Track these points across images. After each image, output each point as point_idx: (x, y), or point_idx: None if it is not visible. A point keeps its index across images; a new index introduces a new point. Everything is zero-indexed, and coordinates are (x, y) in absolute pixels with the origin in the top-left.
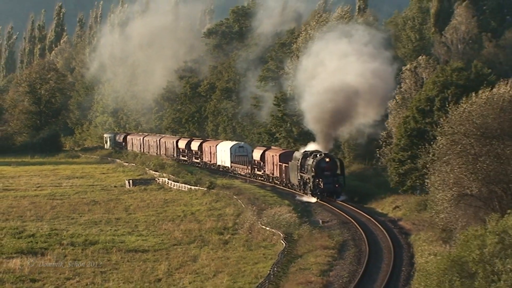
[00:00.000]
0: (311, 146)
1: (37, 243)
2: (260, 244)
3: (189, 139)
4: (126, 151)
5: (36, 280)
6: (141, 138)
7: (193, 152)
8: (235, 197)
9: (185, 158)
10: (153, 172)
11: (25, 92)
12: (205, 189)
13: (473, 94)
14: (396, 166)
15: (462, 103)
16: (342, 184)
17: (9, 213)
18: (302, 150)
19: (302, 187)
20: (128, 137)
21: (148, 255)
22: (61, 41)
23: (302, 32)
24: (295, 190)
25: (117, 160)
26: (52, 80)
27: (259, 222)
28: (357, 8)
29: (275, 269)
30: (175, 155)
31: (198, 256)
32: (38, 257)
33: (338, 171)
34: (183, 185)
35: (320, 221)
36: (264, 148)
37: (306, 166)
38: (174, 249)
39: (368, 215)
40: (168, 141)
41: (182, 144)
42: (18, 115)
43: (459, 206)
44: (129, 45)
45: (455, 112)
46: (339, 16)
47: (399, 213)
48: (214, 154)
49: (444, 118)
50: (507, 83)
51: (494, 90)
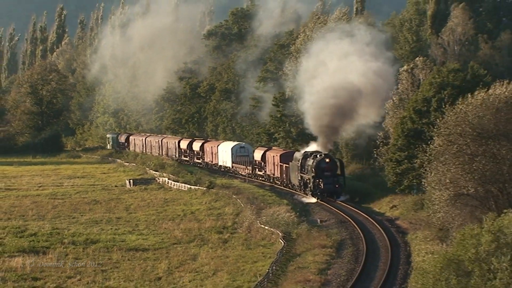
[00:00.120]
0: (312, 147)
1: (38, 242)
2: (259, 243)
3: (190, 139)
4: (128, 151)
5: (38, 279)
6: (144, 138)
7: (195, 152)
8: (234, 196)
9: (187, 159)
10: (153, 172)
11: (27, 93)
12: (204, 188)
13: (469, 95)
14: (393, 166)
15: (458, 104)
16: (342, 184)
17: (11, 212)
18: (302, 151)
19: (302, 187)
20: (130, 137)
21: (149, 254)
22: (63, 42)
23: (301, 34)
24: (295, 190)
25: (118, 160)
26: (54, 81)
27: (258, 221)
28: (354, 10)
29: (274, 267)
30: (177, 155)
31: (197, 255)
32: (40, 256)
33: (338, 172)
34: (183, 184)
35: (318, 220)
36: (265, 149)
37: (306, 167)
38: (174, 248)
39: (365, 214)
40: (170, 142)
41: (184, 144)
42: (20, 115)
43: (455, 206)
44: (129, 47)
45: (451, 113)
46: (337, 18)
47: (396, 213)
48: (215, 154)
49: (441, 118)
50: (502, 84)
51: (490, 91)
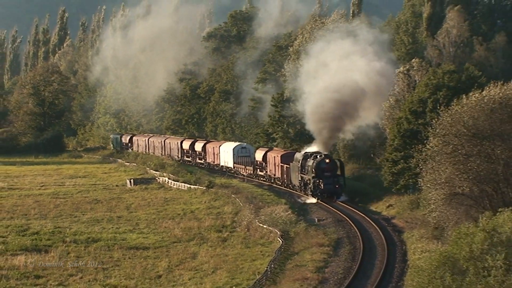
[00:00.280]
0: (312, 148)
1: (41, 240)
2: (257, 242)
3: (193, 140)
4: (131, 152)
5: (40, 277)
6: (147, 139)
7: (197, 153)
8: (233, 196)
9: (189, 159)
10: (154, 172)
11: (29, 94)
12: (204, 188)
13: (464, 96)
14: (389, 166)
15: (454, 104)
16: (342, 184)
17: (14, 211)
18: (303, 151)
19: (302, 188)
20: (134, 138)
21: (149, 252)
22: (64, 44)
23: (299, 36)
24: (296, 191)
25: (119, 160)
26: (56, 83)
27: (256, 220)
28: (351, 12)
29: (272, 265)
30: (179, 155)
31: (197, 253)
32: (42, 254)
33: (338, 172)
34: (183, 184)
35: (316, 219)
36: (266, 149)
37: (306, 167)
38: (174, 246)
39: (362, 213)
40: (173, 142)
41: (186, 145)
42: (23, 116)
43: (450, 205)
44: (130, 48)
45: (446, 114)
46: (335, 20)
47: (393, 212)
48: (217, 154)
49: (436, 119)
50: (497, 85)
51: (485, 92)
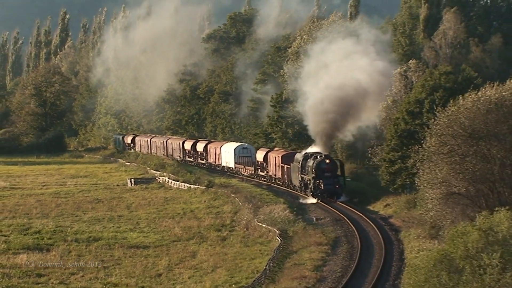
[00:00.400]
0: (312, 148)
1: (42, 239)
2: (256, 241)
3: (194, 140)
4: (131, 152)
5: (42, 275)
6: (149, 139)
7: (199, 153)
8: (232, 195)
9: (191, 159)
10: (154, 172)
11: (31, 94)
12: (203, 187)
13: (461, 97)
14: (387, 166)
15: (450, 105)
16: (342, 185)
17: (16, 210)
18: (303, 152)
19: (303, 188)
20: (136, 138)
21: (149, 251)
22: (66, 45)
23: (298, 37)
24: (296, 191)
25: (120, 160)
26: (57, 83)
27: (255, 220)
28: (348, 14)
29: (271, 264)
30: (181, 156)
31: (197, 252)
32: (43, 253)
33: (338, 172)
34: (183, 184)
35: (314, 218)
36: (267, 149)
37: (307, 168)
38: (174, 245)
39: (360, 212)
40: (175, 143)
41: (188, 145)
42: (25, 116)
43: (447, 204)
44: (131, 50)
45: (443, 115)
46: (333, 22)
47: (390, 211)
48: (218, 155)
49: (433, 120)
50: (493, 86)
51: (480, 93)
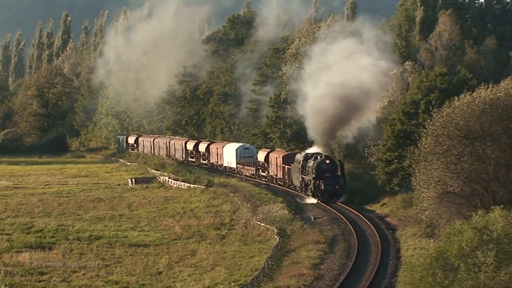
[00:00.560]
0: (313, 149)
1: (45, 238)
2: (255, 239)
3: (197, 141)
4: (132, 152)
5: (44, 273)
6: (152, 139)
7: (201, 153)
8: (231, 194)
9: (193, 160)
10: (154, 171)
11: (34, 95)
12: (203, 187)
13: (456, 98)
14: (383, 165)
15: (446, 106)
16: (342, 185)
17: (19, 209)
18: (303, 152)
19: (303, 188)
20: (139, 138)
21: (150, 249)
22: (67, 47)
23: (296, 39)
24: (297, 191)
25: (120, 160)
26: (59, 84)
27: (254, 218)
28: (345, 16)
29: (270, 262)
30: (183, 156)
31: (196, 250)
32: (46, 251)
33: (339, 173)
34: (183, 183)
35: (312, 217)
36: (269, 150)
37: (307, 168)
38: (174, 243)
39: (356, 211)
40: (177, 143)
41: (190, 146)
42: (27, 117)
43: (442, 203)
44: (132, 51)
45: (438, 115)
46: (330, 24)
47: (386, 210)
48: (220, 155)
49: (429, 120)
50: (487, 88)
51: (475, 94)
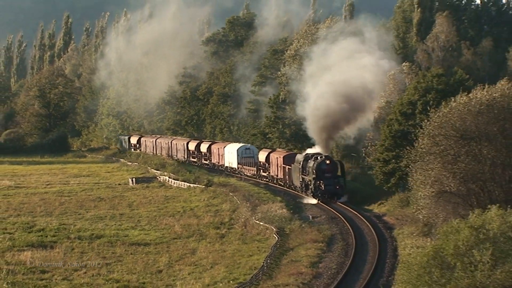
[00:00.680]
0: (313, 149)
1: (46, 237)
2: (254, 238)
3: (198, 141)
4: (133, 152)
5: (46, 272)
6: (154, 140)
7: (202, 153)
8: (231, 194)
9: (195, 160)
10: (155, 171)
11: (36, 96)
12: (203, 186)
13: (452, 99)
14: (381, 165)
15: (442, 107)
16: (342, 185)
17: (21, 209)
18: (304, 153)
19: (304, 189)
20: (142, 139)
21: (150, 248)
22: (69, 48)
23: (294, 40)
24: (297, 192)
25: (121, 159)
26: (61, 85)
27: (253, 218)
28: (343, 17)
29: (268, 261)
30: (185, 156)
31: (196, 249)
32: (47, 250)
33: (339, 173)
34: (183, 183)
35: (310, 216)
36: (269, 150)
37: (307, 168)
38: (174, 242)
39: (354, 211)
40: (179, 143)
41: (192, 146)
42: (29, 117)
43: (439, 203)
44: (133, 53)
45: (435, 116)
46: (329, 26)
47: (384, 209)
48: (222, 155)
49: (426, 120)
50: (483, 88)
51: (471, 94)
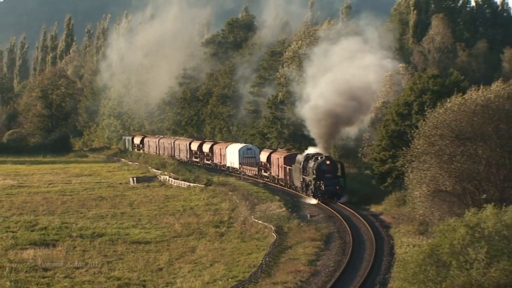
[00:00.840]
0: (313, 149)
1: (49, 235)
2: (253, 236)
3: (201, 141)
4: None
5: (48, 269)
6: (157, 140)
7: (205, 154)
8: (230, 193)
9: (197, 160)
10: (155, 170)
11: (38, 97)
12: (202, 186)
13: (448, 100)
14: (377, 165)
15: (438, 107)
16: (342, 186)
17: (24, 207)
18: (305, 153)
19: (304, 189)
20: (145, 139)
21: (151, 246)
22: (71, 50)
23: (293, 42)
24: (298, 192)
25: (122, 159)
26: (63, 86)
27: (252, 216)
28: (340, 19)
29: (267, 259)
30: (188, 156)
31: (196, 247)
32: (50, 248)
33: (339, 173)
34: (183, 182)
35: (308, 215)
36: (271, 151)
37: (307, 169)
38: (175, 241)
39: (351, 209)
40: (182, 143)
41: (194, 146)
42: (32, 118)
43: (434, 201)
44: (133, 54)
45: (431, 116)
46: (327, 28)
47: (380, 208)
48: (224, 156)
49: (422, 121)
50: (478, 89)
51: (466, 95)
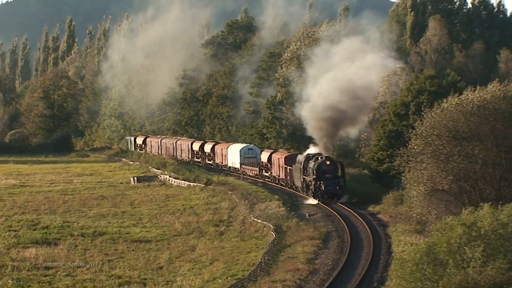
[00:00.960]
0: (313, 149)
1: (50, 234)
2: (252, 235)
3: (202, 141)
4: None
5: (50, 268)
6: (159, 140)
7: (206, 154)
8: (229, 192)
9: (199, 160)
10: (156, 170)
11: (40, 97)
12: (202, 185)
13: (445, 100)
14: (375, 165)
15: (435, 108)
16: (343, 186)
17: (25, 207)
18: (305, 153)
19: (305, 189)
20: (147, 139)
21: (151, 245)
22: (72, 51)
23: (292, 43)
24: (299, 192)
25: (123, 159)
26: (64, 87)
27: (251, 215)
28: (338, 20)
29: (266, 257)
30: (190, 156)
31: (196, 246)
32: (51, 247)
33: (339, 174)
34: (183, 181)
35: (307, 214)
36: (272, 151)
37: (308, 169)
38: (175, 239)
39: (349, 209)
40: (184, 144)
41: (196, 146)
42: (33, 118)
43: (431, 201)
44: (134, 55)
45: (429, 116)
46: (326, 30)
47: (378, 207)
48: (225, 156)
49: (419, 121)
50: (475, 90)
51: (463, 96)
